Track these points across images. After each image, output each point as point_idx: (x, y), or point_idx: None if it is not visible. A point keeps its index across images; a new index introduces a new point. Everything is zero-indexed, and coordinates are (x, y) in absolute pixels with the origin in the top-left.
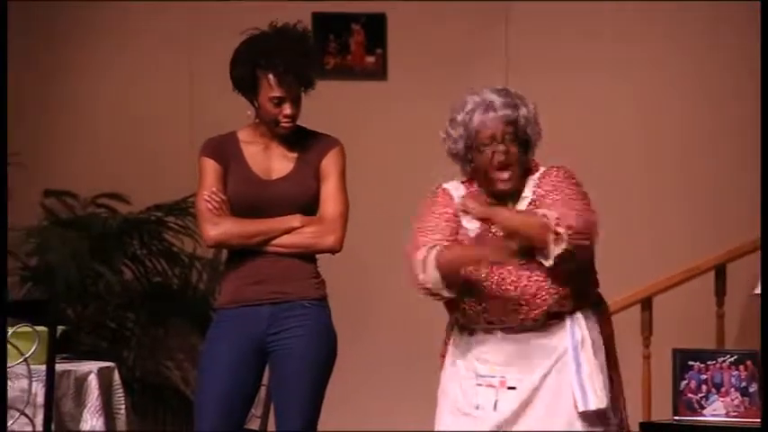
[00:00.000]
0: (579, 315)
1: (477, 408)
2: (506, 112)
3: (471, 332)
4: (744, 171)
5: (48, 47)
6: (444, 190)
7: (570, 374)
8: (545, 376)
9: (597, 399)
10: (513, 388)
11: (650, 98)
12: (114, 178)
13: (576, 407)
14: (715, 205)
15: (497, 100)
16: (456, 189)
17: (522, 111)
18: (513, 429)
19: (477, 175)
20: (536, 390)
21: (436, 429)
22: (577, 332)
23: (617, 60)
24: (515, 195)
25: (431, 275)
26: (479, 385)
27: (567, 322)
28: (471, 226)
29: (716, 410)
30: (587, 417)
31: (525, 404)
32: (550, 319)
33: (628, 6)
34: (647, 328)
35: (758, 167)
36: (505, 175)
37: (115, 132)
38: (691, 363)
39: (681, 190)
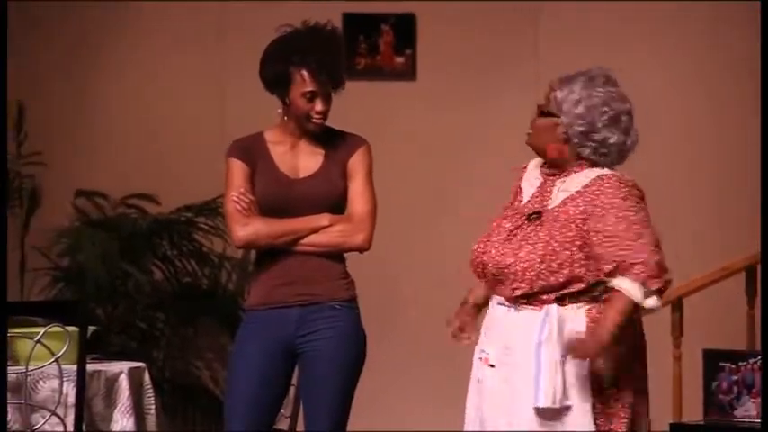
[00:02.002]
0: (554, 309)
1: (479, 381)
2: (551, 89)
3: (490, 304)
4: None
5: (80, 48)
6: (526, 165)
7: (531, 367)
8: (519, 363)
9: (546, 396)
10: (492, 366)
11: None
12: (144, 179)
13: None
14: (746, 206)
15: (568, 75)
16: (535, 161)
17: (560, 93)
18: (492, 415)
19: None
20: (510, 376)
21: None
22: (546, 328)
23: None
24: (563, 173)
25: None
26: (479, 359)
27: (543, 314)
28: (526, 195)
29: (747, 411)
30: (546, 414)
31: (500, 390)
32: (534, 301)
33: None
34: (677, 329)
35: None
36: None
37: (145, 133)
38: (722, 363)
39: (714, 190)
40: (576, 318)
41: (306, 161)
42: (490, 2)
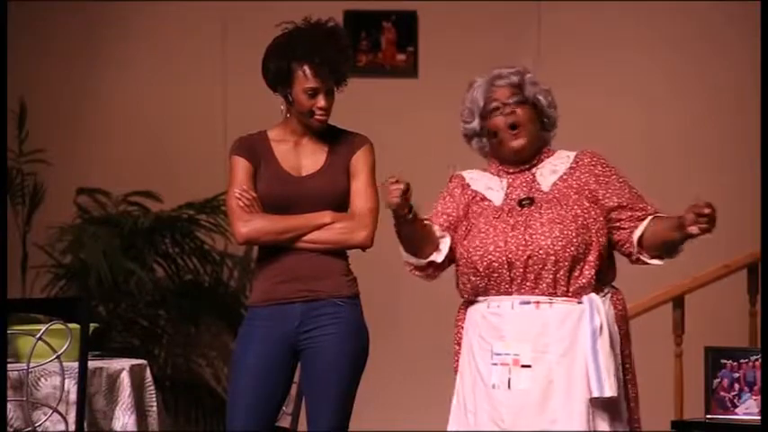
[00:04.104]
0: (597, 298)
1: (494, 387)
2: (510, 79)
3: (488, 305)
4: None
5: (80, 47)
6: (457, 176)
7: (586, 361)
8: (561, 358)
9: (611, 386)
10: (528, 366)
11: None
12: (146, 176)
13: (589, 394)
14: (746, 204)
15: (503, 71)
16: (471, 174)
17: (528, 76)
18: (532, 415)
19: (493, 148)
20: (551, 372)
21: (453, 408)
22: (596, 318)
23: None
24: (533, 164)
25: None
26: (494, 364)
27: (586, 305)
28: (496, 197)
29: (749, 409)
30: (601, 405)
31: (541, 388)
32: (569, 295)
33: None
34: (678, 327)
35: None
36: (516, 131)
37: (148, 130)
38: (723, 361)
39: (714, 189)
40: (607, 307)
41: (309, 159)
42: (492, 0)
